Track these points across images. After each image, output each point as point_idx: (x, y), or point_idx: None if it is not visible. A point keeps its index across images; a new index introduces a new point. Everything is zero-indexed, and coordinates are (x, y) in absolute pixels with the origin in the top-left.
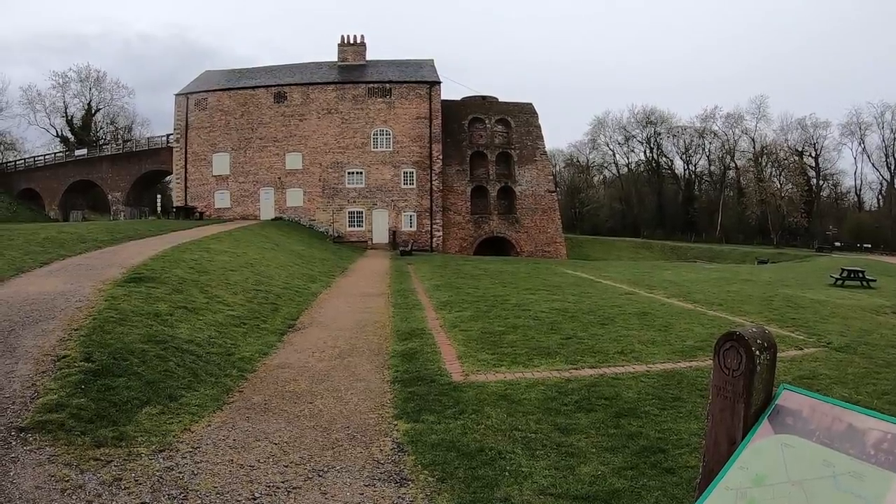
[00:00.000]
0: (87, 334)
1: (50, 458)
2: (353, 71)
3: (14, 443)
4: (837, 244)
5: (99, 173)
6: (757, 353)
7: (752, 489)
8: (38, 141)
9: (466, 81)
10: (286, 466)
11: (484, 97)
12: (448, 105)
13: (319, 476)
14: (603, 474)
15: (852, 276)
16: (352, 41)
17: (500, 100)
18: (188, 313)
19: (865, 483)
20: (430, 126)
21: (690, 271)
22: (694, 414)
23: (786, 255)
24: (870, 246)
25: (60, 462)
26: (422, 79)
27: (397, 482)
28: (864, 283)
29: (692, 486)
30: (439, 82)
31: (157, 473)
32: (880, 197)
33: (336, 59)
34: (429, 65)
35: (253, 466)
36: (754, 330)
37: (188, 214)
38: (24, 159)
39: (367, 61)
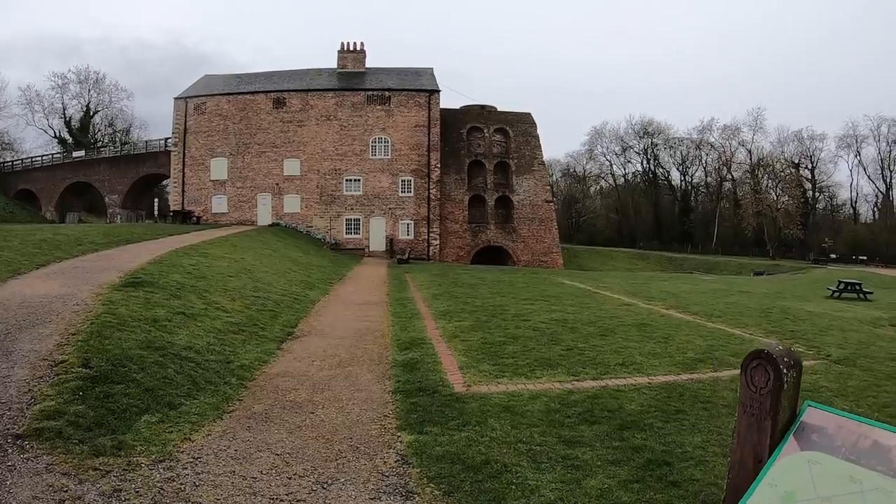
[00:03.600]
0: (84, 339)
1: (47, 468)
2: (352, 78)
3: (10, 451)
4: (833, 256)
5: (96, 175)
6: (784, 370)
7: None
8: (35, 142)
9: (465, 90)
10: (290, 478)
11: (482, 106)
12: (447, 113)
13: (324, 488)
14: (609, 487)
15: (849, 288)
16: (352, 48)
17: (498, 109)
18: (186, 319)
19: (893, 499)
20: (429, 134)
21: (687, 282)
22: (697, 427)
23: (782, 267)
24: (865, 258)
25: (58, 471)
26: (421, 87)
27: (403, 495)
28: (861, 295)
29: (699, 500)
30: (438, 91)
31: (158, 484)
32: (876, 209)
33: (335, 66)
34: (428, 73)
35: (256, 478)
36: (780, 348)
37: (185, 219)
38: (22, 160)
39: (366, 68)
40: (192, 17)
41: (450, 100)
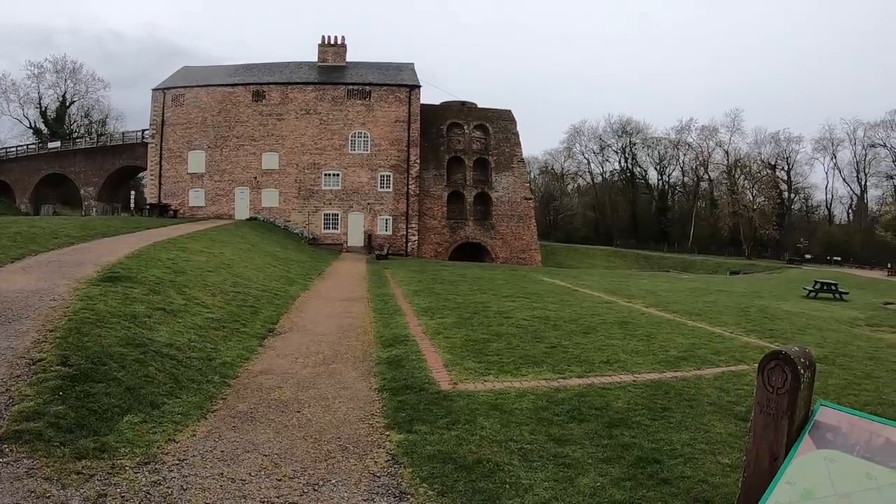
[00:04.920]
0: (63, 336)
1: (28, 472)
2: (332, 72)
3: None
4: (808, 257)
5: (72, 167)
6: (801, 371)
7: (802, 503)
8: (10, 132)
9: (444, 87)
10: (279, 480)
11: (463, 102)
12: (427, 109)
13: (315, 490)
14: (602, 486)
15: (825, 288)
16: (332, 42)
17: (478, 106)
18: (166, 315)
19: None
20: (409, 130)
21: (665, 281)
22: (683, 424)
23: (757, 267)
24: (839, 259)
25: (40, 476)
26: (401, 82)
27: (396, 496)
28: (837, 295)
29: (690, 497)
30: (419, 86)
31: (144, 489)
32: (850, 211)
33: (316, 60)
34: (409, 68)
35: (245, 480)
36: (797, 349)
37: (162, 212)
38: None
39: (347, 63)
40: (167, 10)
41: (431, 96)
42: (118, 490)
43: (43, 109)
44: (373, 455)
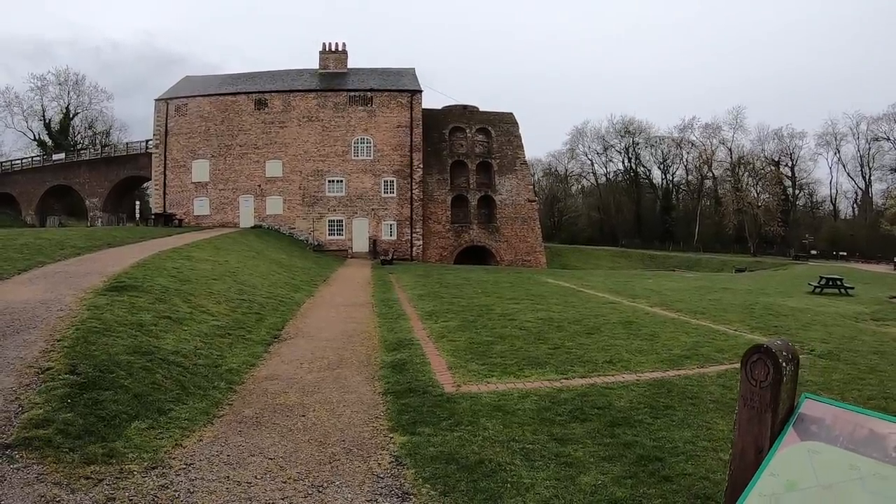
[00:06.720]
0: (70, 345)
1: (38, 477)
2: (334, 79)
3: (0, 461)
4: (814, 252)
5: (77, 178)
6: (783, 364)
7: (784, 495)
8: (14, 144)
9: (446, 91)
10: (284, 482)
11: (465, 106)
12: (429, 114)
13: (319, 492)
14: (603, 483)
15: (831, 283)
16: (333, 49)
17: (480, 109)
18: (172, 323)
19: (890, 484)
20: (411, 135)
21: (670, 280)
22: (686, 422)
23: (763, 264)
24: (845, 254)
25: (49, 481)
26: (403, 87)
27: (399, 497)
28: (843, 290)
29: (691, 494)
30: (420, 91)
31: (152, 492)
32: (855, 206)
33: (317, 67)
34: (409, 73)
35: (250, 483)
36: (779, 343)
37: (167, 221)
38: (1, 163)
39: (348, 69)
40: (164, 17)
41: (432, 100)
42: (126, 494)
43: (47, 122)
44: (376, 457)
